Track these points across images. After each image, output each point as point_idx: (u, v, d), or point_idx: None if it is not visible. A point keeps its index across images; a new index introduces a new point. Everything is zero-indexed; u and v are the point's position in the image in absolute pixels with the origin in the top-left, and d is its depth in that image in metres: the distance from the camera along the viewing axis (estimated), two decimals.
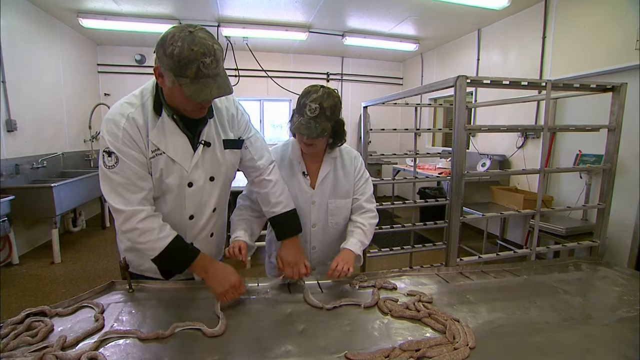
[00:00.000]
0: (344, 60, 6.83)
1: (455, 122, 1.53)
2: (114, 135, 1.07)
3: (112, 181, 1.08)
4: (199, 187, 1.22)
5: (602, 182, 1.81)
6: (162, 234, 1.11)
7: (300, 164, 1.44)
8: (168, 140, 1.13)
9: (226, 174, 1.30)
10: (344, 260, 1.29)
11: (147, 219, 1.10)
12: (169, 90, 1.06)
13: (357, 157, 1.53)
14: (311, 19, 4.70)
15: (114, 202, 1.08)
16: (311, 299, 1.19)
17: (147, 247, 1.11)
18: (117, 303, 1.17)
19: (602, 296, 1.34)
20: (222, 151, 1.25)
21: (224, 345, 0.95)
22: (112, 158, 1.07)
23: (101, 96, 5.80)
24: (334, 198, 1.45)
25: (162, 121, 1.12)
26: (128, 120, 1.09)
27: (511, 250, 1.84)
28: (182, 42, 0.95)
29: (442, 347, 0.93)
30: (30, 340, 0.91)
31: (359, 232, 1.42)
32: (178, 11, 4.45)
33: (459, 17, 4.46)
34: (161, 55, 0.98)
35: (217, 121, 1.24)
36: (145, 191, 1.12)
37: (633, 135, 2.85)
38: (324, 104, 1.26)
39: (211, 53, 0.98)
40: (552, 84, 1.62)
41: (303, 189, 1.44)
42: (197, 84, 0.99)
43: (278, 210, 1.33)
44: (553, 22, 3.77)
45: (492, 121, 4.66)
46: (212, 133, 1.22)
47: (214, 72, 1.00)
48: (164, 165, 1.14)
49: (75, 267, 3.61)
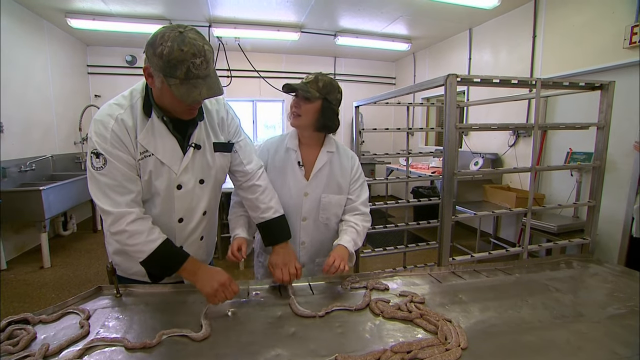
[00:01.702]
0: (337, 60, 6.83)
1: (446, 120, 1.53)
2: (102, 137, 1.06)
3: (100, 183, 1.06)
4: (188, 190, 1.21)
5: (592, 179, 1.82)
6: (151, 236, 1.09)
7: (296, 152, 1.43)
8: (157, 142, 1.12)
9: (216, 177, 1.28)
10: (340, 256, 1.28)
11: (136, 222, 1.08)
12: (159, 91, 1.05)
13: (354, 157, 1.52)
14: (303, 18, 4.69)
15: (102, 203, 1.07)
16: (300, 310, 1.13)
17: (136, 249, 1.09)
18: (104, 308, 1.14)
19: (593, 293, 1.35)
20: (212, 154, 1.24)
21: (212, 350, 0.93)
22: (100, 160, 1.06)
23: (91, 98, 5.72)
24: (327, 192, 1.44)
25: (152, 123, 1.11)
26: (117, 122, 1.07)
27: (504, 249, 1.85)
28: (172, 42, 0.93)
29: (433, 348, 0.92)
30: (11, 349, 0.88)
31: (352, 231, 1.41)
32: (168, 11, 4.41)
33: (451, 17, 4.49)
34: (151, 55, 0.97)
35: (208, 124, 1.22)
36: (133, 193, 1.10)
37: (622, 133, 2.88)
38: (319, 76, 1.34)
39: (201, 54, 0.96)
40: (541, 82, 1.63)
41: (297, 178, 1.42)
42: (187, 84, 0.97)
43: (268, 215, 1.32)
44: (543, 22, 3.80)
45: (484, 120, 4.70)
46: (202, 135, 1.20)
47: (204, 73, 0.99)
48: (152, 167, 1.13)
49: (65, 272, 3.55)
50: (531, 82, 1.69)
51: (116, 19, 4.46)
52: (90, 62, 5.73)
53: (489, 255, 1.75)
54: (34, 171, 4.08)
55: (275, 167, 1.44)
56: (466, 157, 4.59)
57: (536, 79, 1.62)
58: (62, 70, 4.94)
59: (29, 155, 4.10)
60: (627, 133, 2.89)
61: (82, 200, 4.33)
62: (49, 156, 4.44)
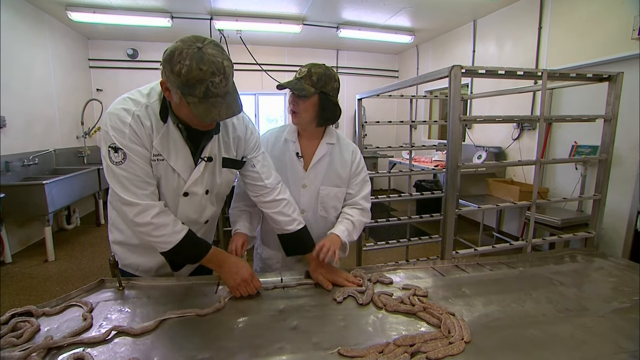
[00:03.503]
0: (339, 53, 6.77)
1: (450, 112, 1.51)
2: (119, 132, 1.05)
3: (120, 177, 1.07)
4: (193, 198, 1.22)
5: (597, 173, 1.80)
6: (176, 227, 1.13)
7: (295, 143, 1.41)
8: (171, 149, 1.12)
9: (220, 189, 1.30)
10: (330, 242, 1.27)
11: (160, 214, 1.10)
12: (177, 106, 1.05)
13: (355, 150, 1.49)
14: (305, 11, 4.64)
15: (126, 195, 1.07)
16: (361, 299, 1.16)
17: (162, 240, 1.11)
18: (107, 301, 1.15)
19: (598, 287, 1.33)
20: (220, 168, 1.25)
21: (215, 342, 0.94)
22: (119, 154, 1.05)
23: (93, 92, 5.71)
24: (326, 185, 1.42)
25: (167, 129, 1.11)
26: (134, 118, 1.07)
27: (507, 242, 1.83)
28: (191, 60, 0.91)
29: (437, 342, 0.92)
30: (15, 341, 0.89)
31: (348, 222, 1.40)
32: (170, 4, 4.37)
33: (454, 8, 4.42)
34: (168, 73, 0.95)
35: (221, 137, 1.22)
36: (153, 187, 1.13)
37: (630, 126, 2.84)
38: (312, 69, 1.29)
39: (220, 71, 0.94)
40: (548, 74, 1.60)
41: (295, 169, 1.41)
42: (206, 103, 0.95)
43: (292, 228, 1.32)
44: (549, 13, 3.74)
45: (489, 113, 4.65)
46: (214, 149, 1.21)
47: (223, 91, 0.96)
48: (163, 171, 1.14)
49: (69, 265, 3.58)
50: (537, 73, 1.66)
51: (117, 11, 4.42)
52: (92, 55, 5.70)
53: (493, 249, 1.74)
54: (37, 165, 4.09)
55: (274, 157, 1.41)
56: (470, 151, 4.56)
57: (542, 70, 1.59)
58: (64, 65, 4.92)
59: (31, 149, 4.10)
60: (634, 126, 2.85)
61: (85, 194, 4.35)
62: (52, 150, 4.44)
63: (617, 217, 3.01)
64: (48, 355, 0.86)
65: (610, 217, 2.82)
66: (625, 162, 3.02)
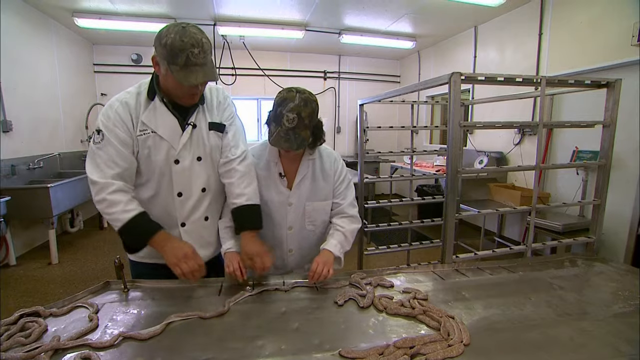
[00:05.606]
0: (341, 59, 6.82)
1: (450, 118, 1.53)
2: (106, 116, 1.22)
3: (96, 156, 1.20)
4: (185, 165, 1.30)
5: (597, 178, 1.81)
6: (128, 207, 1.19)
7: (277, 164, 1.41)
8: (158, 120, 1.25)
9: (212, 155, 1.35)
10: (323, 262, 1.28)
11: (116, 192, 1.19)
12: (163, 78, 1.19)
13: (337, 159, 1.49)
14: (307, 17, 4.69)
15: (91, 174, 1.20)
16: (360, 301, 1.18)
17: (113, 217, 1.19)
18: (112, 303, 1.17)
19: (598, 292, 1.34)
20: (207, 132, 1.33)
21: (217, 344, 0.95)
22: (100, 135, 1.21)
23: (98, 96, 5.77)
24: (311, 201, 1.43)
25: (154, 104, 1.25)
26: (121, 104, 1.23)
27: (508, 247, 1.84)
28: (175, 34, 1.09)
29: (436, 344, 0.93)
30: (24, 340, 0.91)
31: (339, 234, 1.41)
32: (174, 10, 4.43)
33: (456, 14, 4.46)
34: (157, 46, 1.13)
35: (206, 106, 1.35)
36: (121, 169, 1.21)
37: (630, 131, 2.85)
38: (302, 113, 1.21)
39: (199, 45, 1.11)
40: (546, 80, 1.62)
41: (280, 190, 1.41)
42: (186, 70, 1.12)
43: (240, 202, 1.32)
44: (549, 19, 3.77)
45: (490, 117, 4.66)
46: (199, 116, 1.32)
47: (201, 62, 1.13)
48: (152, 143, 1.25)
49: (73, 268, 3.60)
50: (536, 80, 1.69)
51: (122, 18, 4.50)
52: (97, 60, 5.77)
53: (493, 253, 1.75)
54: (42, 169, 4.14)
55: (260, 175, 1.41)
56: (471, 156, 4.57)
57: (541, 77, 1.62)
58: (69, 69, 4.99)
59: (37, 153, 4.15)
60: (635, 131, 2.86)
61: (89, 197, 4.33)
62: (57, 154, 4.49)
63: (619, 221, 3.01)
64: (55, 355, 0.88)
65: (612, 222, 2.82)
66: (626, 166, 3.02)
